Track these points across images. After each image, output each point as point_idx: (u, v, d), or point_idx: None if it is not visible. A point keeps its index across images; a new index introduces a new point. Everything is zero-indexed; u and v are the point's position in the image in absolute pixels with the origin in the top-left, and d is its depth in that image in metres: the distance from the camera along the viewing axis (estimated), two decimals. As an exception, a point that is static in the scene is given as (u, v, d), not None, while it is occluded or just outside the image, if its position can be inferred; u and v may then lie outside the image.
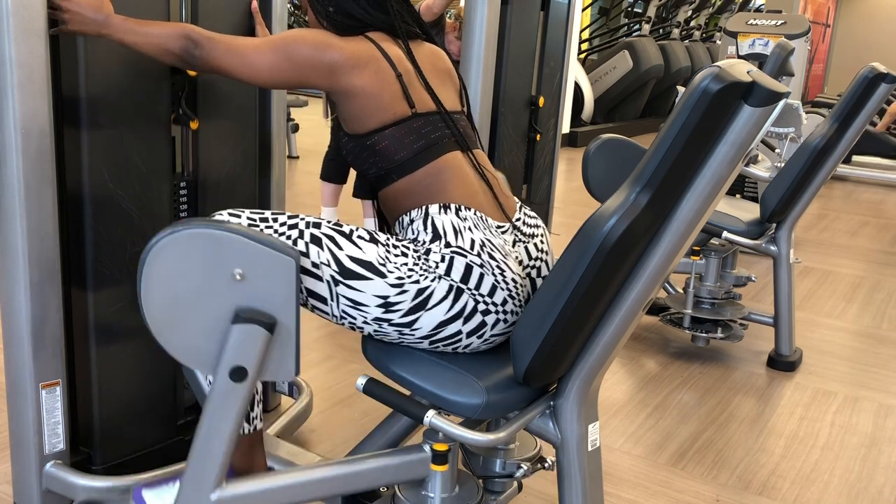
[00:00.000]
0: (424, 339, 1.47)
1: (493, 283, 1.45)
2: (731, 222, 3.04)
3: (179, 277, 1.27)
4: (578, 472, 1.47)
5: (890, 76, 2.90)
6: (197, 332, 1.29)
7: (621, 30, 11.45)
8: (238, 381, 1.30)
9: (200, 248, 1.25)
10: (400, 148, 1.53)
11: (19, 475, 1.75)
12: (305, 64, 1.50)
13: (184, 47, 1.49)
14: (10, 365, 1.69)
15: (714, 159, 1.25)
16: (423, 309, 1.44)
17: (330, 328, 3.17)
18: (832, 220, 5.91)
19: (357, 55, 1.52)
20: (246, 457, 1.59)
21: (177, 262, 1.26)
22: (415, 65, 1.60)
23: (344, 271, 1.41)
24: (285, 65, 1.50)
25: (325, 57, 1.50)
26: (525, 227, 1.62)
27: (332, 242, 1.42)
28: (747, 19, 5.44)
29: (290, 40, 1.51)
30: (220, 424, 1.33)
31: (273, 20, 2.04)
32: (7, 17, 1.50)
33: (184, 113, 1.84)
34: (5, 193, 1.58)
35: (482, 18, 2.54)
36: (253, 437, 1.59)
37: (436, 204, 1.51)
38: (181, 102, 1.82)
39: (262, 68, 1.50)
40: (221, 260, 1.26)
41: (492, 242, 1.48)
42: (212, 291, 1.27)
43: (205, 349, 1.30)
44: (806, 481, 2.30)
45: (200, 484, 1.35)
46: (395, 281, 1.42)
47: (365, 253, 1.42)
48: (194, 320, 1.29)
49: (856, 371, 3.13)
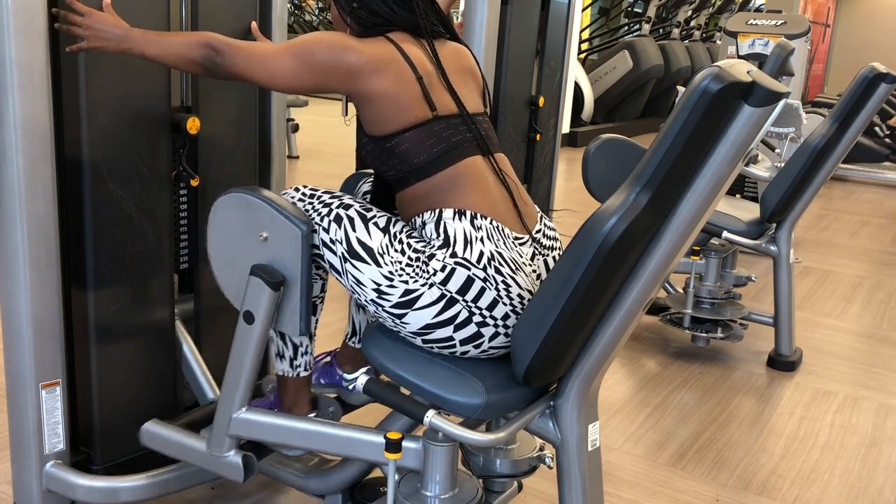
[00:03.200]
0: (416, 336, 1.48)
1: (494, 297, 1.45)
2: (731, 222, 3.04)
3: (229, 229, 1.58)
4: (578, 472, 1.47)
5: (890, 76, 2.90)
6: (235, 276, 1.59)
7: (621, 30, 11.45)
8: (249, 324, 1.57)
9: (243, 208, 1.55)
10: (419, 151, 1.52)
11: (19, 475, 1.75)
12: (325, 68, 1.49)
13: (205, 55, 1.49)
14: (10, 365, 1.69)
15: (714, 159, 1.25)
16: (410, 307, 1.45)
17: (331, 327, 3.17)
18: (832, 220, 5.91)
19: (377, 58, 1.51)
20: (290, 397, 1.74)
21: (227, 218, 1.58)
22: (438, 65, 1.57)
23: (350, 251, 1.50)
24: (305, 70, 1.49)
25: (344, 61, 1.49)
26: (545, 239, 1.60)
27: (350, 223, 1.51)
28: (747, 19, 5.44)
29: (309, 45, 1.50)
30: (238, 356, 1.61)
31: (273, 20, 2.04)
32: (7, 17, 1.50)
33: (184, 170, 1.87)
34: (5, 193, 1.58)
35: (482, 18, 2.54)
36: (298, 382, 1.73)
37: (451, 208, 1.49)
38: (181, 160, 1.86)
39: (282, 74, 1.50)
40: (254, 222, 1.54)
41: (502, 256, 1.47)
42: (245, 246, 1.57)
43: (238, 291, 1.59)
44: (806, 481, 2.30)
45: (229, 403, 1.64)
46: (386, 273, 1.47)
47: (371, 239, 1.49)
48: (234, 266, 1.59)
49: (856, 371, 3.13)
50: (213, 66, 1.50)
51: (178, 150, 1.86)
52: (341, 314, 3.32)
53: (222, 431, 1.64)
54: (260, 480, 2.07)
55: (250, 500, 2.03)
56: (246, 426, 1.63)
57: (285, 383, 1.73)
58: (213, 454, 1.66)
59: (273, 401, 1.81)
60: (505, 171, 1.59)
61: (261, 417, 1.63)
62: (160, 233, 1.84)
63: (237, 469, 1.64)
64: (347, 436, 1.55)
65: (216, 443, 1.66)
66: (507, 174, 1.59)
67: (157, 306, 1.87)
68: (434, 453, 1.50)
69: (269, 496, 2.05)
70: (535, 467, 1.65)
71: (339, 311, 3.34)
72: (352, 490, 1.86)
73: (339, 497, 1.86)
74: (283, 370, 1.71)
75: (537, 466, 1.65)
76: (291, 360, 1.71)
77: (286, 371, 1.72)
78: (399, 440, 1.46)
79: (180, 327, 1.96)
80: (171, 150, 1.83)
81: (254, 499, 2.04)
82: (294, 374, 1.72)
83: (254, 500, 2.03)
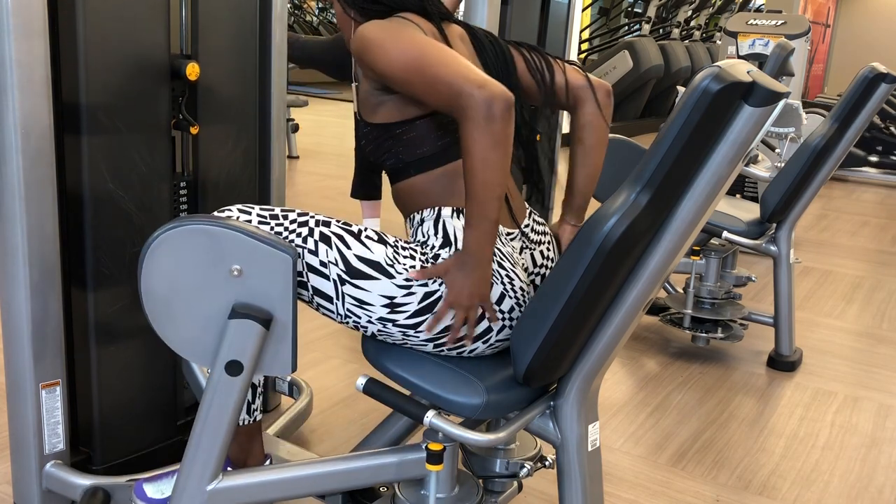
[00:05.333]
0: (429, 342, 1.46)
1: (501, 291, 1.44)
2: (731, 222, 3.04)
3: (178, 272, 1.30)
4: (578, 472, 1.47)
5: (890, 76, 2.90)
6: (195, 325, 1.32)
7: (621, 30, 11.45)
8: (234, 375, 1.32)
9: (199, 243, 1.28)
10: (424, 141, 1.49)
11: (19, 475, 1.75)
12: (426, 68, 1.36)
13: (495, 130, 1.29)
14: (10, 365, 1.69)
15: (714, 159, 1.25)
16: (430, 312, 1.42)
17: (330, 328, 3.17)
18: (832, 220, 5.91)
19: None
20: (244, 448, 1.60)
21: (176, 257, 1.29)
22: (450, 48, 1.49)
23: (351, 270, 1.40)
24: (420, 79, 1.36)
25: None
26: (533, 233, 1.60)
27: (341, 241, 1.40)
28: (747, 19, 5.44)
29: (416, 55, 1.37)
30: (217, 417, 1.35)
31: (273, 20, 2.04)
32: (7, 17, 1.50)
33: (184, 118, 1.83)
34: (5, 193, 1.58)
35: (482, 18, 2.54)
36: (252, 429, 1.59)
37: (449, 207, 1.48)
38: (181, 107, 1.82)
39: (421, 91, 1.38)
40: (219, 256, 1.28)
41: (501, 252, 1.47)
42: (210, 286, 1.30)
43: (203, 343, 1.33)
44: (806, 481, 2.30)
45: (197, 476, 1.37)
46: (402, 282, 1.40)
47: (373, 253, 1.41)
48: (192, 314, 1.31)
49: (856, 371, 3.13)
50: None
51: (177, 97, 1.81)
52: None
53: None
54: (260, 480, 2.07)
55: (250, 500, 2.03)
56: (231, 496, 1.39)
57: (238, 434, 1.57)
58: None
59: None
60: None
61: (249, 478, 1.40)
62: (160, 233, 1.83)
63: None
64: (380, 462, 1.45)
65: None
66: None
67: (157, 306, 1.86)
68: (434, 453, 1.50)
69: (269, 496, 2.05)
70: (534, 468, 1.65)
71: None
72: (352, 490, 1.86)
73: (339, 497, 1.86)
74: (241, 419, 1.56)
75: (537, 467, 1.65)
76: (249, 405, 1.56)
77: (243, 419, 1.56)
78: (441, 451, 1.39)
79: (180, 327, 1.95)
80: (171, 150, 1.83)
81: (254, 499, 2.03)
82: (251, 419, 1.58)
83: (254, 500, 2.03)
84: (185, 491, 1.37)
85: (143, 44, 1.73)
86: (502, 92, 1.26)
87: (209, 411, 1.35)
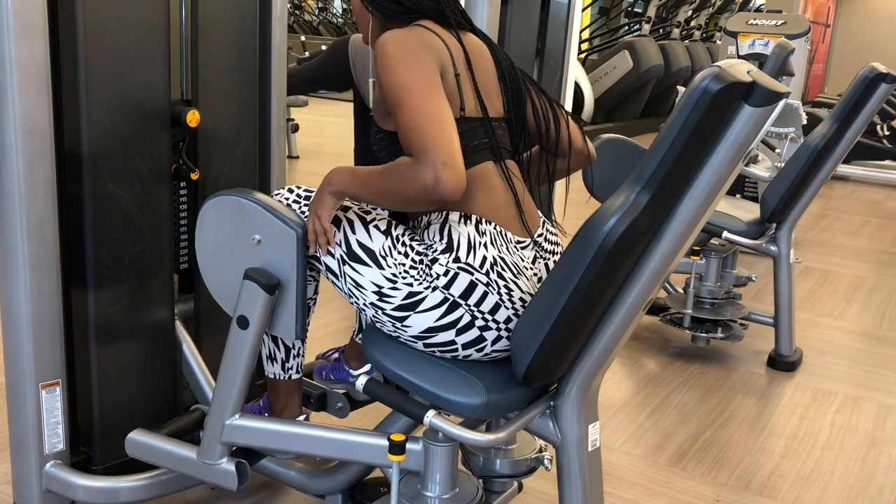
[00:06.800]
0: (418, 340, 1.47)
1: (496, 301, 1.44)
2: (731, 222, 3.04)
3: (218, 235, 1.55)
4: (578, 472, 1.47)
5: (890, 76, 2.90)
6: (227, 281, 1.57)
7: (621, 30, 11.46)
8: (243, 329, 1.54)
9: (233, 213, 1.52)
10: None
11: (19, 475, 1.75)
12: (433, 79, 1.41)
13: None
14: (10, 365, 1.69)
15: (714, 159, 1.25)
16: (413, 310, 1.44)
17: (331, 328, 3.17)
18: (832, 220, 5.91)
19: (436, 49, 1.45)
20: (280, 401, 1.74)
21: (217, 222, 1.55)
22: (468, 62, 1.52)
23: (350, 254, 1.47)
24: (404, 116, 1.37)
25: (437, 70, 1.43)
26: (546, 243, 1.60)
27: (349, 225, 1.48)
28: (747, 19, 5.44)
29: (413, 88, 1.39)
30: (232, 363, 1.58)
31: (273, 20, 2.03)
32: (7, 17, 1.50)
33: (184, 164, 1.86)
34: (5, 193, 1.58)
35: (482, 18, 2.54)
36: (287, 385, 1.73)
37: (457, 212, 1.48)
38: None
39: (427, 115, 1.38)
40: (246, 225, 1.51)
41: (504, 261, 1.46)
42: (238, 250, 1.54)
43: (231, 297, 1.56)
44: (806, 481, 2.30)
45: (220, 409, 1.61)
46: (389, 275, 1.45)
47: (372, 241, 1.47)
48: (226, 271, 1.57)
49: (856, 371, 3.13)
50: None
51: (177, 143, 1.85)
52: (341, 314, 3.32)
53: (214, 439, 1.62)
54: (260, 480, 2.07)
55: (250, 500, 2.03)
56: (240, 433, 1.61)
57: (276, 386, 1.73)
58: (205, 462, 1.64)
59: (263, 405, 1.80)
60: (513, 177, 1.55)
61: (256, 424, 1.61)
62: (160, 232, 1.83)
63: (231, 477, 1.63)
64: (348, 439, 1.55)
65: (208, 450, 1.63)
66: (515, 179, 1.56)
67: (156, 306, 1.87)
68: (434, 453, 1.50)
69: (270, 496, 2.05)
70: (534, 468, 1.65)
71: (339, 311, 3.34)
72: (352, 490, 1.86)
73: (339, 497, 1.86)
74: (274, 373, 1.71)
75: (537, 467, 1.65)
76: (283, 363, 1.71)
77: (277, 374, 1.71)
78: (403, 442, 1.45)
79: (180, 327, 1.96)
80: (171, 150, 1.83)
81: (254, 499, 2.04)
82: (286, 376, 1.72)
83: (254, 500, 2.03)
84: (213, 419, 1.62)
85: (143, 43, 1.72)
86: (456, 187, 1.30)
87: (227, 358, 1.58)
